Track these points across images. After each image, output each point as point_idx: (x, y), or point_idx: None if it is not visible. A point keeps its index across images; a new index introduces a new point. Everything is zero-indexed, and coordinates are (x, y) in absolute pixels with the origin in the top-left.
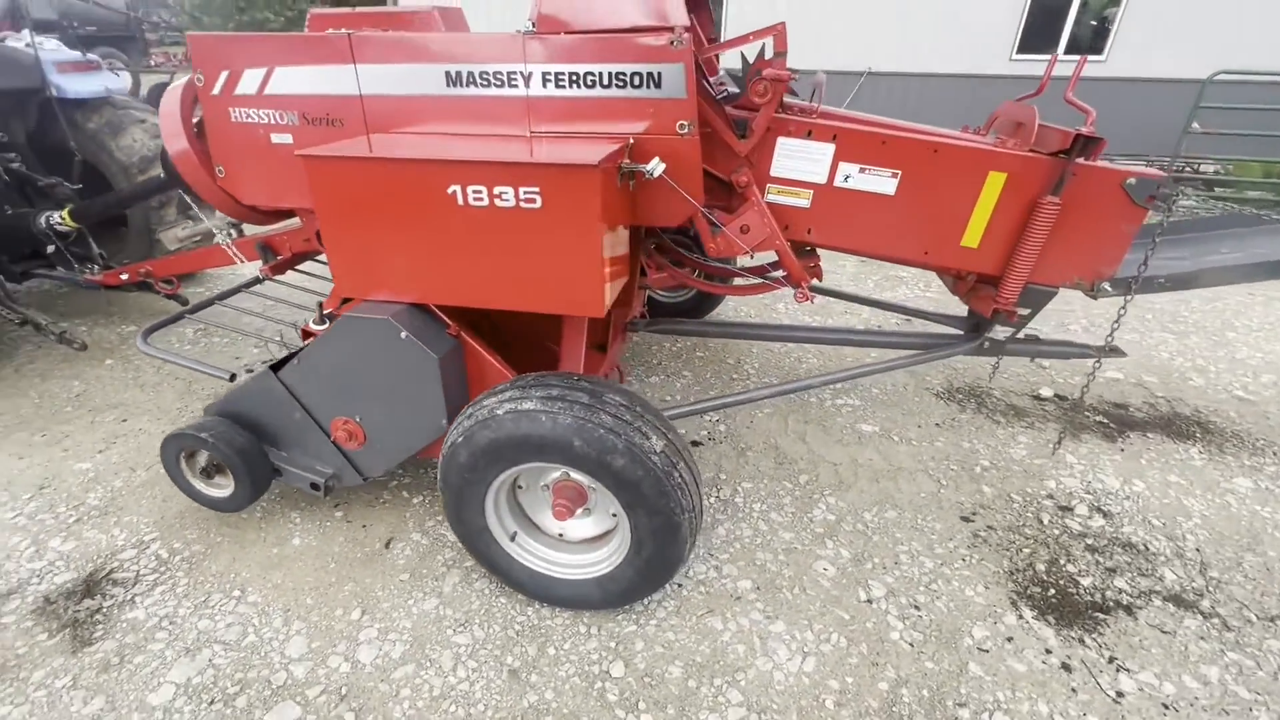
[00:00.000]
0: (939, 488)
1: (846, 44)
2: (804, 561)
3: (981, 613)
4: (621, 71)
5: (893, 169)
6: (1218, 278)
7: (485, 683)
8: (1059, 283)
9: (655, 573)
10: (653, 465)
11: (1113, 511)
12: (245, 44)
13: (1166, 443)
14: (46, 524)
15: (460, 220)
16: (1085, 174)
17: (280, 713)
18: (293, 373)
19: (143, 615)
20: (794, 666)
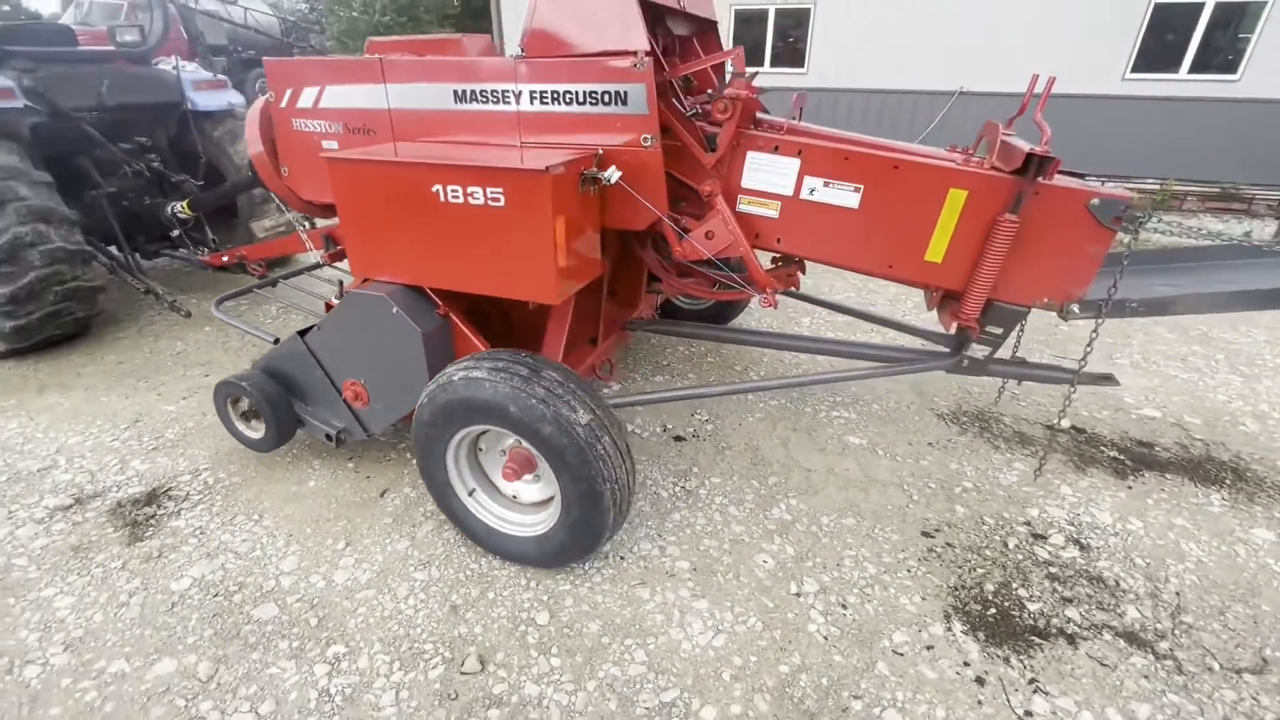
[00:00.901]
0: (908, 502)
1: (936, 64)
2: (746, 553)
3: (909, 620)
4: (593, 90)
5: (855, 183)
6: (1194, 305)
7: (429, 612)
8: (1027, 302)
9: (583, 537)
10: (576, 435)
11: (1092, 545)
12: (305, 66)
13: (1186, 486)
14: (133, 448)
15: (442, 215)
16: (1048, 194)
17: (263, 609)
18: (315, 338)
19: (183, 524)
20: (704, 640)
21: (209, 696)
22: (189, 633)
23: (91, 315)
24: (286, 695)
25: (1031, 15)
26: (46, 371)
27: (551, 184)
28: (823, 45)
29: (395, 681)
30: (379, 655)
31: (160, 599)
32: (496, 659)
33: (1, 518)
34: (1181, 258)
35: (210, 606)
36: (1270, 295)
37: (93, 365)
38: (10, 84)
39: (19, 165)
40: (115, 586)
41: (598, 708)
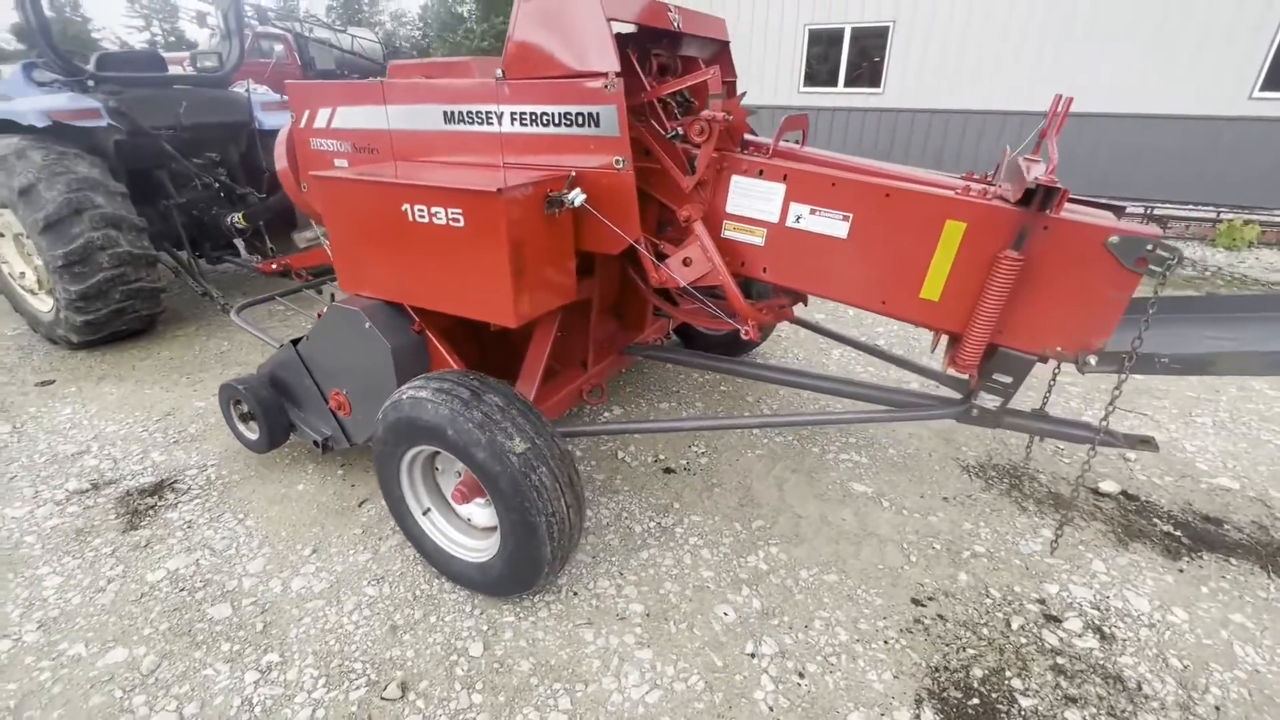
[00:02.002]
0: (904, 563)
1: (1026, 82)
2: (708, 602)
3: (872, 700)
4: (567, 112)
5: (844, 212)
6: (1240, 365)
7: (368, 630)
8: (1036, 350)
9: (520, 569)
10: (510, 463)
11: (1118, 636)
12: (320, 89)
13: (1255, 576)
14: (157, 440)
15: (411, 234)
16: (1059, 229)
17: (218, 609)
18: (304, 347)
19: (175, 516)
20: (636, 694)
21: (145, 690)
22: (147, 624)
23: (155, 313)
24: (213, 699)
25: (1143, 29)
26: (109, 363)
27: (504, 205)
28: (901, 64)
29: (316, 699)
30: (309, 669)
31: (133, 588)
32: (419, 688)
33: (28, 497)
34: (1240, 306)
35: (173, 600)
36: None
37: (148, 359)
38: (97, 105)
39: (98, 177)
40: (99, 572)
41: None
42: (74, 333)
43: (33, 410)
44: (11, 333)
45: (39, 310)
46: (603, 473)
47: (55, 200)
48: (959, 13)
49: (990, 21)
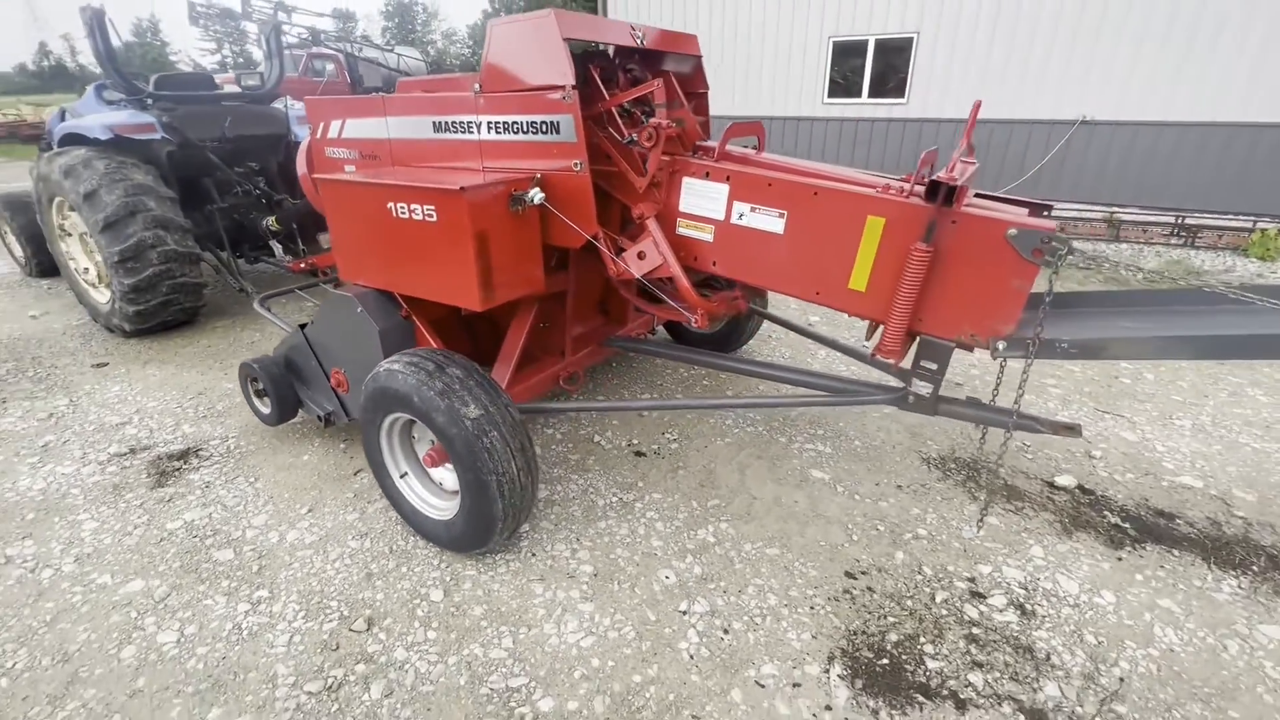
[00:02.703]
0: (845, 541)
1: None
2: (653, 567)
3: (787, 655)
4: (533, 121)
5: (779, 209)
6: (1132, 349)
7: (347, 576)
8: (952, 336)
9: (477, 525)
10: (465, 426)
11: (1038, 614)
12: (331, 104)
13: (1194, 567)
14: (189, 414)
15: (395, 229)
16: (965, 223)
17: (223, 553)
18: (310, 330)
19: (196, 478)
20: (573, 639)
21: (155, 613)
22: (163, 562)
23: (197, 306)
24: (209, 623)
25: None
26: (155, 349)
27: (468, 202)
28: (925, 74)
29: (295, 627)
30: (292, 604)
31: (154, 534)
32: (384, 624)
33: (76, 458)
34: (1150, 300)
35: (187, 545)
36: (1217, 343)
37: (190, 347)
38: (152, 120)
39: (151, 184)
40: (128, 520)
41: (449, 679)
42: (127, 321)
43: (88, 387)
44: (76, 322)
45: (99, 301)
46: (578, 454)
47: (113, 204)
48: (984, 22)
49: (1016, 30)
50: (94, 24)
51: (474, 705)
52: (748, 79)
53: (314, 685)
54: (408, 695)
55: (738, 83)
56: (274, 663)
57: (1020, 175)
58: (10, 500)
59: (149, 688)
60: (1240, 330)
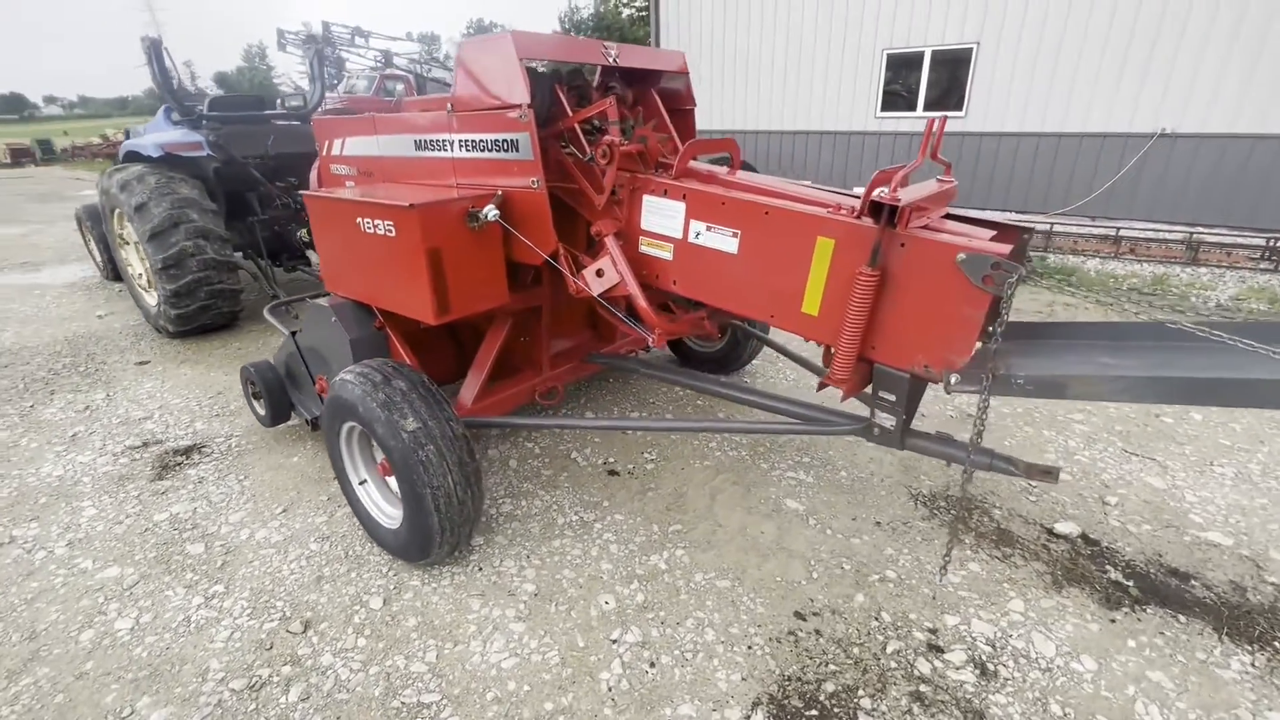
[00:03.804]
0: (804, 578)
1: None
2: (596, 590)
3: (711, 696)
4: (496, 139)
5: (733, 229)
6: (1089, 389)
7: (298, 576)
8: (905, 366)
9: (417, 536)
10: (402, 439)
11: (1000, 676)
12: (334, 123)
13: (1202, 638)
14: (204, 412)
15: (364, 242)
16: (916, 246)
17: (194, 547)
18: (300, 337)
19: (193, 473)
20: (495, 658)
21: (119, 599)
22: (140, 552)
23: (235, 311)
24: (164, 613)
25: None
26: (193, 350)
27: (418, 217)
28: (986, 85)
29: (238, 624)
30: (242, 600)
31: (142, 524)
32: (319, 627)
33: (96, 448)
34: (1139, 333)
35: (166, 536)
36: (1185, 386)
37: (223, 349)
38: (199, 138)
39: (196, 197)
40: (123, 509)
41: (365, 690)
42: (170, 323)
43: (125, 383)
44: (134, 323)
45: (149, 304)
46: (551, 469)
47: (160, 215)
48: (1050, 31)
49: (1086, 38)
50: (151, 53)
51: (382, 717)
52: (798, 93)
53: (239, 683)
54: (322, 701)
55: (787, 97)
56: (209, 657)
57: (1089, 193)
58: (31, 484)
59: (95, 671)
60: (1219, 373)
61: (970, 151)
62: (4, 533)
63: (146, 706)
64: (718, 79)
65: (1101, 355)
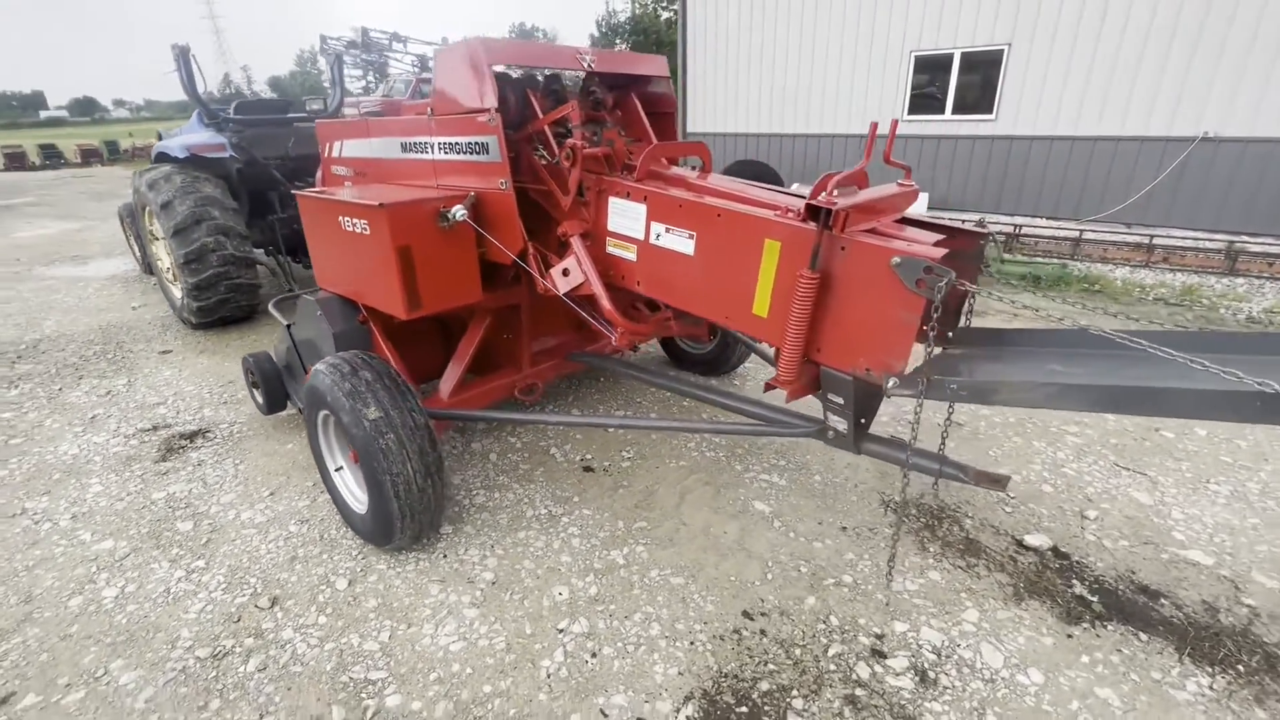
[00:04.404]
0: (759, 579)
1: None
2: (552, 582)
3: (645, 688)
4: (469, 142)
5: (689, 230)
6: (1019, 396)
7: (274, 555)
8: (848, 369)
9: (380, 520)
10: (364, 427)
11: (940, 684)
12: (334, 127)
13: (1161, 657)
14: (212, 399)
15: (344, 240)
16: (855, 249)
17: (184, 524)
18: (294, 330)
19: (195, 455)
20: (444, 641)
21: (109, 570)
22: (134, 527)
23: (253, 304)
24: (147, 584)
25: None
26: (212, 340)
27: (387, 216)
28: (1017, 87)
29: (212, 597)
30: (219, 575)
31: (140, 501)
32: (286, 604)
33: (111, 430)
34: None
35: (160, 514)
36: (1107, 394)
37: (240, 340)
38: (223, 140)
39: (218, 196)
40: (125, 487)
41: (318, 664)
42: (193, 315)
43: (147, 370)
44: (162, 314)
45: (175, 296)
46: (529, 464)
47: (183, 212)
48: (1086, 32)
49: (1124, 39)
50: (180, 59)
51: (329, 690)
52: (823, 95)
53: (204, 651)
54: (277, 672)
55: (812, 99)
56: (182, 626)
57: (1124, 199)
58: (49, 461)
59: (78, 634)
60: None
61: (999, 156)
62: (17, 504)
63: (118, 668)
64: (743, 81)
65: (1053, 362)
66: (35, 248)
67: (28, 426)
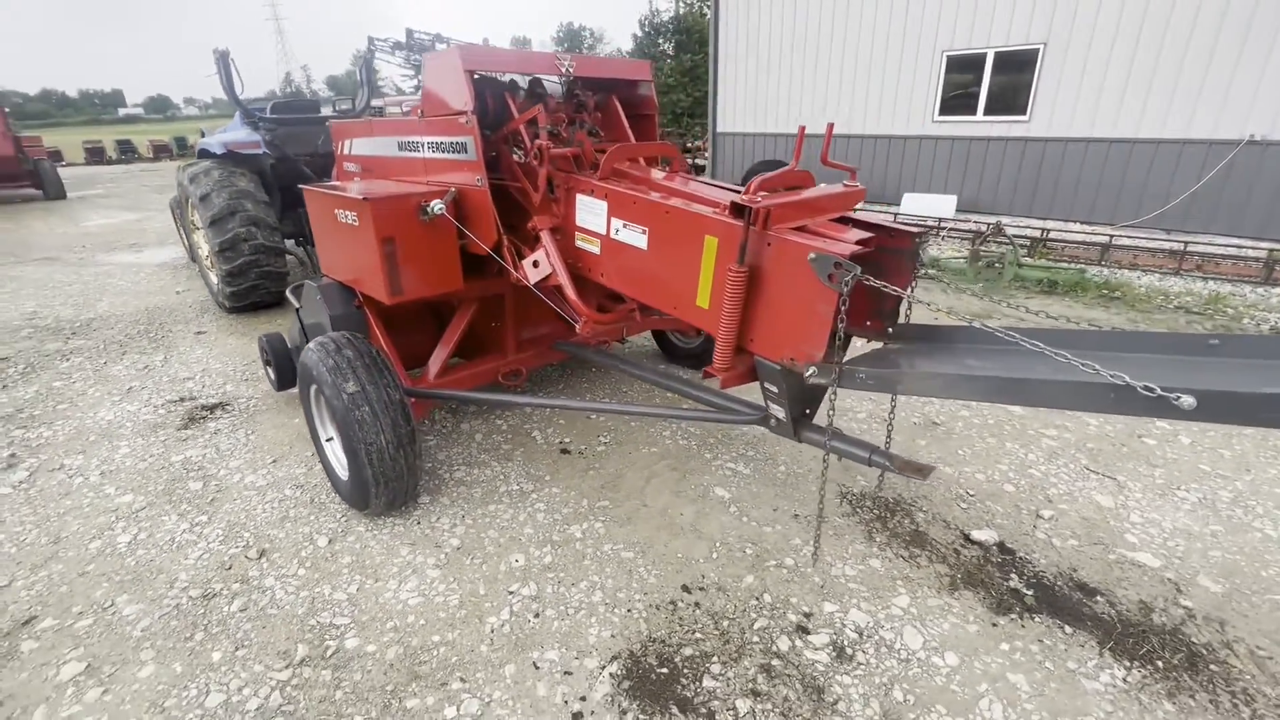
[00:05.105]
0: (704, 558)
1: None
2: (511, 550)
3: (577, 647)
4: (451, 141)
5: (643, 226)
6: (917, 386)
7: (268, 515)
8: (776, 359)
9: (359, 487)
10: (342, 399)
11: (856, 660)
12: (344, 126)
13: (1082, 649)
14: (236, 376)
15: (340, 230)
16: (779, 245)
17: (194, 484)
18: (302, 313)
19: (213, 425)
20: (404, 596)
21: (125, 519)
22: (152, 484)
23: (282, 291)
24: (156, 532)
25: None
26: (243, 323)
27: (372, 208)
28: (1052, 88)
29: (210, 548)
30: (218, 529)
31: (160, 463)
32: (272, 556)
33: (144, 400)
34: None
35: (176, 474)
36: (987, 385)
37: (267, 324)
38: (257, 137)
39: (251, 189)
40: (149, 450)
41: (292, 608)
42: (226, 299)
43: (182, 349)
44: (202, 299)
45: (212, 282)
46: (510, 444)
47: (219, 204)
48: (1126, 31)
49: (1165, 38)
50: (220, 63)
51: (298, 630)
52: (852, 96)
53: (195, 592)
54: (255, 613)
55: (841, 100)
56: (181, 570)
57: (1164, 204)
58: (88, 424)
59: (94, 571)
60: (1020, 374)
61: (1032, 158)
62: (58, 460)
63: (124, 602)
64: (772, 82)
65: (969, 357)
66: (100, 236)
67: (74, 394)
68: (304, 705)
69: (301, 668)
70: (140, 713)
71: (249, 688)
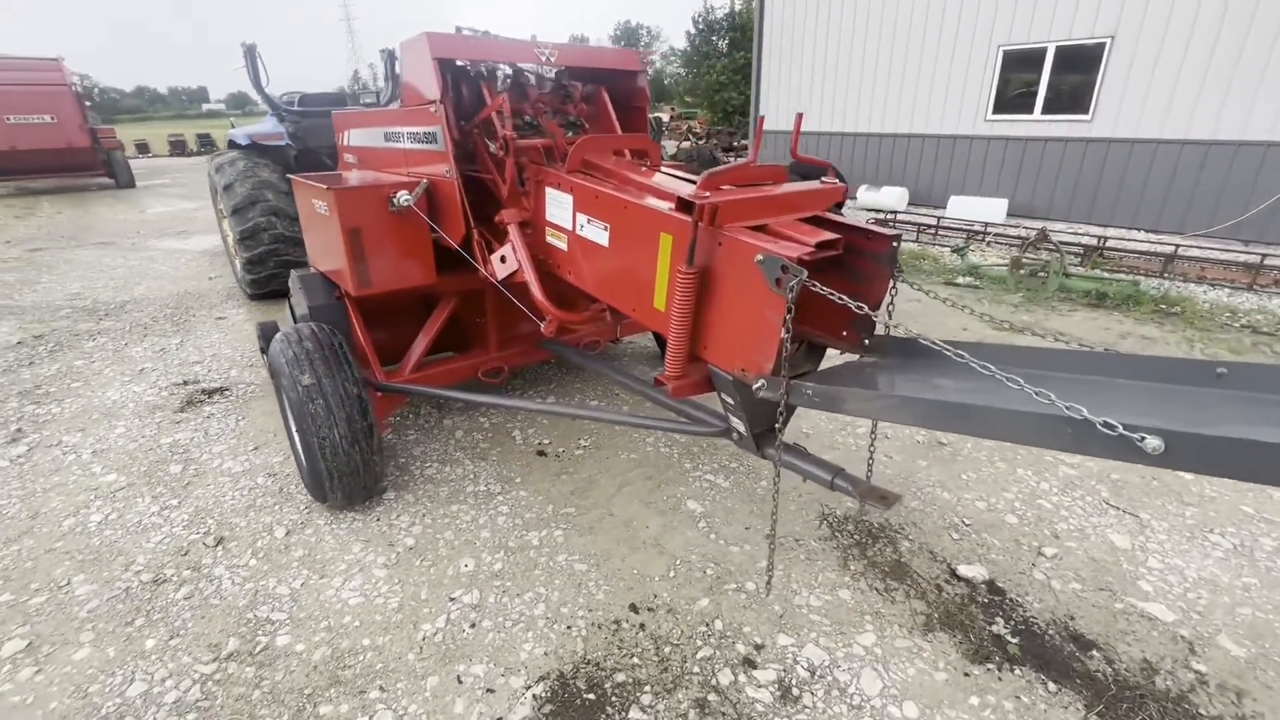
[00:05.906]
0: (661, 575)
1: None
2: (463, 553)
3: (506, 664)
4: (423, 131)
5: (605, 222)
6: (859, 407)
7: (234, 503)
8: (729, 368)
9: (314, 478)
10: (298, 391)
11: (802, 703)
12: (343, 117)
13: (1063, 710)
14: (241, 361)
15: (317, 220)
16: (729, 245)
17: (175, 467)
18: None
19: (207, 409)
20: (345, 595)
21: (103, 498)
22: (136, 464)
23: None
24: (127, 513)
25: None
26: (260, 309)
27: (338, 198)
28: (1119, 86)
29: (174, 532)
30: (185, 514)
31: (150, 444)
32: (229, 545)
33: (151, 382)
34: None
35: (161, 456)
36: (935, 410)
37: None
38: (282, 130)
39: (274, 180)
40: (143, 431)
41: (235, 600)
42: (248, 286)
43: (200, 333)
44: (230, 285)
45: (237, 268)
46: (487, 443)
47: (242, 194)
48: (1205, 22)
49: (1251, 30)
50: (248, 57)
51: (233, 623)
52: (900, 94)
53: (147, 576)
54: (199, 601)
55: (890, 98)
56: (139, 553)
57: (1242, 212)
58: (94, 404)
59: (60, 549)
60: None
61: (1094, 161)
62: (57, 438)
63: (79, 582)
64: (817, 79)
65: (942, 377)
66: (155, 223)
67: (90, 374)
68: (220, 702)
69: (228, 662)
70: (64, 695)
71: (172, 679)
